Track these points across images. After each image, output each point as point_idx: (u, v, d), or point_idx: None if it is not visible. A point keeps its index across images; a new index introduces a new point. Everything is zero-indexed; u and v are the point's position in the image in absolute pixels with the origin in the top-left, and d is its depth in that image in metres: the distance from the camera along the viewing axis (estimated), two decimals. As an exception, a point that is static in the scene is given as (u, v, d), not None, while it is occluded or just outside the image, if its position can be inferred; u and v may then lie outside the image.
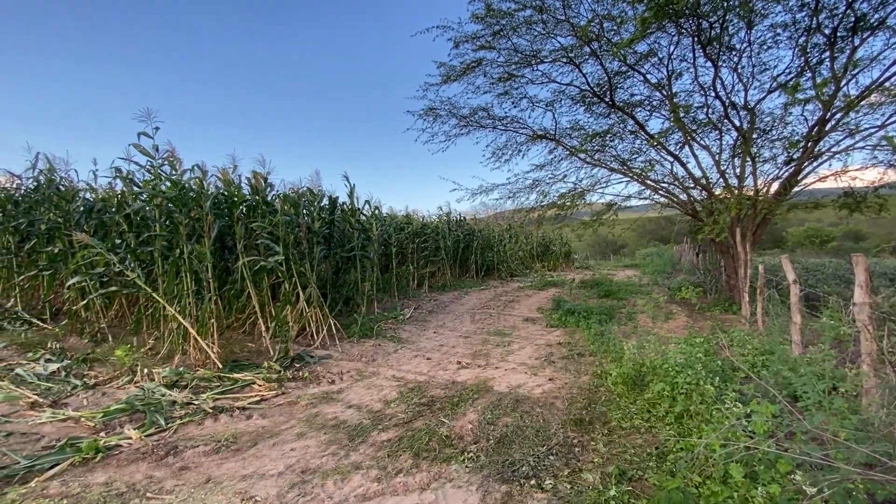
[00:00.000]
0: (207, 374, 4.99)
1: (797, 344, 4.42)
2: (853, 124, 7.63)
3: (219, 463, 3.24)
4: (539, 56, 8.72)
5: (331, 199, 8.33)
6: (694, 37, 7.87)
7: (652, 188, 9.99)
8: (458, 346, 6.67)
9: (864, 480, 1.53)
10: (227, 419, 4.02)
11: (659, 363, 4.07)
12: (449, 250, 14.36)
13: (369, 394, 4.62)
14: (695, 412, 3.20)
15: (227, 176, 6.45)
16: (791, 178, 8.21)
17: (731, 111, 8.57)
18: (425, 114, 10.09)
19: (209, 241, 5.58)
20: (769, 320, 5.71)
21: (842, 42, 7.53)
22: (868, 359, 2.91)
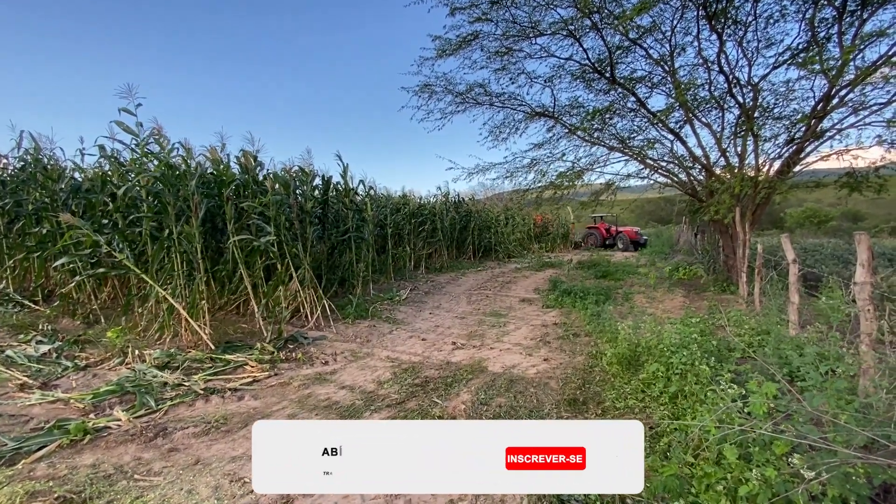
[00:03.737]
0: (199, 356, 4.94)
1: (794, 324, 4.38)
2: (858, 101, 7.45)
3: (208, 444, 3.21)
4: (538, 28, 8.44)
5: (324, 179, 8.17)
6: (699, 8, 7.62)
7: (651, 167, 9.83)
8: (454, 327, 6.63)
9: (864, 465, 1.48)
10: (219, 400, 3.98)
11: (654, 343, 4.03)
12: (446, 231, 14.25)
13: (363, 374, 4.59)
14: (689, 393, 3.16)
15: (215, 154, 6.29)
16: (793, 157, 8.07)
17: (734, 88, 8.36)
18: (420, 90, 9.83)
19: (196, 221, 5.46)
20: (766, 300, 5.66)
21: (851, 16, 7.30)
22: (868, 339, 2.86)
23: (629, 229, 22.09)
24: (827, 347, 3.02)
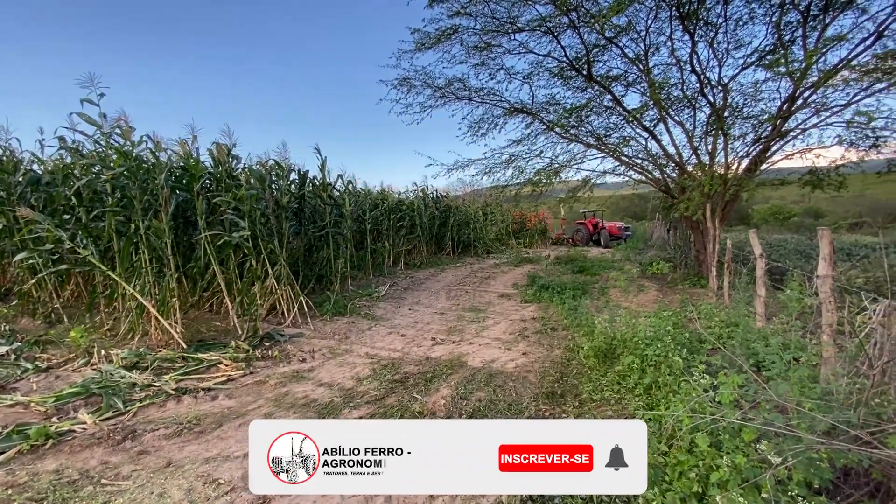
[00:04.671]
0: (170, 355, 4.79)
1: (761, 316, 4.55)
2: (820, 102, 7.77)
3: (180, 446, 3.12)
4: (516, 24, 8.46)
5: (300, 173, 8.01)
6: (673, 9, 7.78)
7: (626, 164, 10.03)
8: (434, 323, 6.63)
9: (826, 450, 1.55)
10: (191, 401, 3.87)
11: (629, 336, 4.12)
12: (425, 227, 14.20)
13: (341, 371, 4.53)
14: (663, 384, 3.24)
15: (185, 147, 6.07)
16: (760, 155, 8.36)
17: (705, 87, 8.59)
18: (399, 84, 9.72)
19: (166, 215, 5.27)
20: (735, 293, 5.87)
21: (814, 20, 7.59)
22: (829, 329, 2.99)
23: (612, 224, 21.60)
24: (790, 338, 3.14)
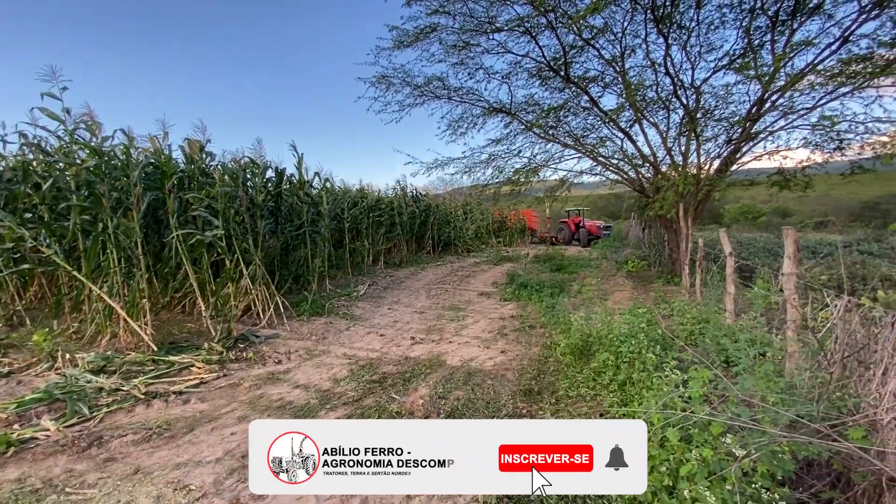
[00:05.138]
0: (140, 358, 4.64)
1: (731, 312, 4.70)
2: (787, 105, 8.06)
3: (149, 452, 3.02)
4: (495, 24, 8.49)
5: (277, 171, 7.86)
6: (647, 12, 7.93)
7: (603, 164, 10.20)
8: (413, 322, 6.61)
9: (788, 442, 1.61)
10: (161, 405, 3.76)
11: (605, 333, 4.20)
12: (405, 226, 14.14)
13: (318, 373, 4.48)
14: (637, 380, 3.31)
15: (156, 143, 5.88)
16: (730, 156, 8.62)
17: (679, 90, 8.80)
18: (377, 81, 9.65)
19: (137, 214, 5.10)
20: (707, 290, 6.04)
21: (782, 25, 7.85)
22: (793, 325, 3.11)
23: (592, 223, 21.43)
24: (756, 334, 3.25)
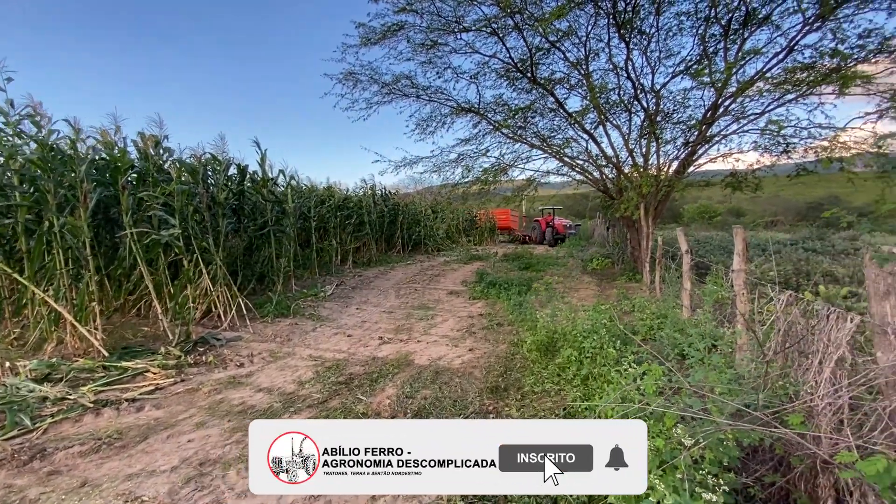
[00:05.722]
0: (89, 364, 4.39)
1: (687, 308, 4.90)
2: (739, 110, 8.50)
3: (98, 463, 2.86)
4: (462, 23, 8.53)
5: (239, 168, 7.61)
6: (609, 17, 8.16)
7: (569, 165, 10.43)
8: (381, 322, 6.55)
9: (733, 430, 1.70)
10: (112, 413, 3.57)
11: (569, 330, 4.29)
12: (374, 225, 13.99)
13: (282, 375, 4.37)
14: (598, 374, 3.41)
15: (107, 137, 5.58)
16: (687, 158, 9.00)
17: (640, 93, 9.11)
18: (345, 78, 9.52)
19: (85, 212, 4.82)
20: (666, 287, 6.28)
21: (734, 34, 8.26)
22: (742, 319, 3.27)
23: (559, 222, 21.43)
24: (708, 328, 3.41)
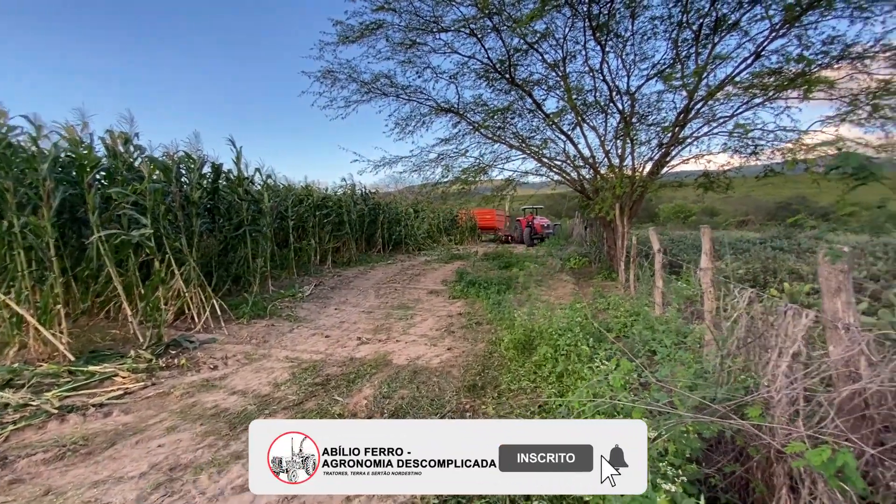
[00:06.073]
0: (54, 369, 4.24)
1: (659, 305, 5.04)
2: (710, 114, 8.76)
3: (63, 470, 2.77)
4: (441, 24, 8.53)
5: (214, 166, 7.45)
6: (586, 20, 8.29)
7: (547, 165, 10.57)
8: (360, 322, 6.52)
9: (694, 423, 1.76)
10: (78, 419, 3.46)
11: (545, 328, 4.36)
12: (354, 224, 13.88)
13: (257, 378, 4.30)
14: (573, 371, 3.47)
15: (73, 134, 5.39)
16: (661, 159, 9.23)
17: (615, 95, 9.29)
18: (323, 76, 9.42)
19: (48, 211, 4.65)
20: (640, 285, 6.43)
21: (705, 39, 8.50)
22: (709, 315, 3.39)
23: (538, 222, 21.20)
24: (675, 325, 3.51)
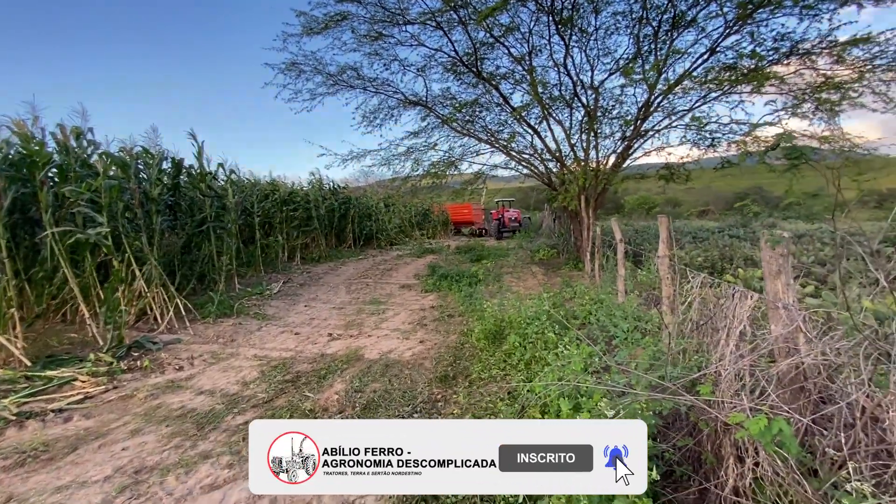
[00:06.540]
0: (10, 375, 4.04)
1: (621, 293, 5.24)
2: (670, 107, 9.09)
3: (24, 477, 2.67)
4: (406, 16, 8.48)
5: (174, 161, 7.18)
6: (549, 14, 8.42)
7: (515, 159, 10.72)
8: (331, 318, 6.47)
9: (647, 401, 1.88)
10: (38, 425, 3.32)
11: (515, 317, 4.46)
12: (323, 219, 13.66)
13: (225, 377, 4.22)
14: (540, 357, 3.58)
15: (23, 129, 5.08)
16: (624, 152, 9.53)
17: (580, 90, 9.49)
18: (287, 68, 9.20)
19: (0, 211, 4.38)
20: (604, 274, 6.66)
21: (665, 35, 8.79)
22: (667, 301, 3.56)
23: (508, 215, 21.15)
24: (634, 311, 3.68)
